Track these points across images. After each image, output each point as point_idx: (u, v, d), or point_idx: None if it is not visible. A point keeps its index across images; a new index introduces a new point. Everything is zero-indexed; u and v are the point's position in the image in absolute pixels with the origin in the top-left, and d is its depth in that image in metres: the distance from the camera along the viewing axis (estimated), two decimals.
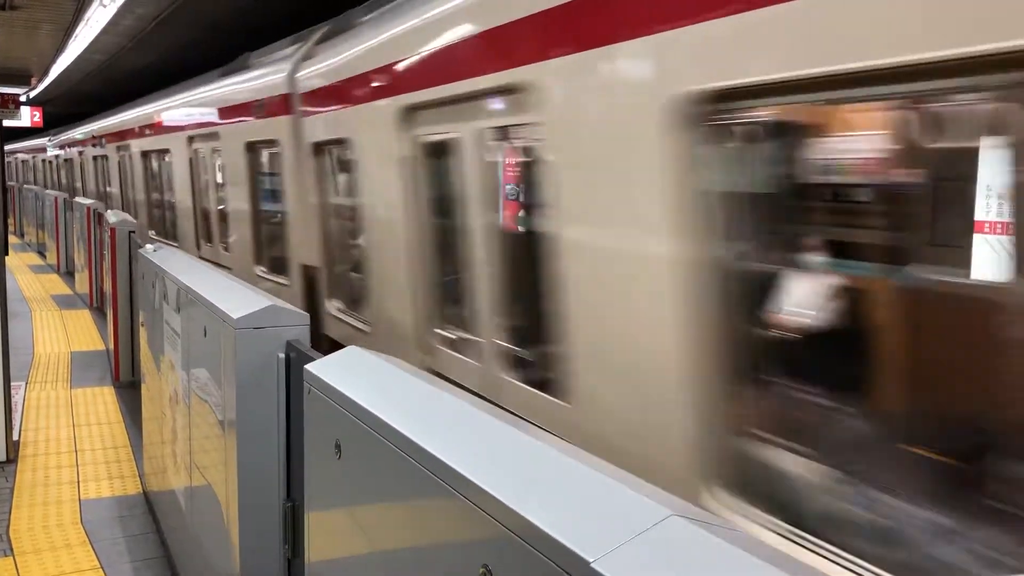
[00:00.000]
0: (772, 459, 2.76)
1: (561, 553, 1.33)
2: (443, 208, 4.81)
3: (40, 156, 28.59)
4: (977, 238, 2.29)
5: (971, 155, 2.29)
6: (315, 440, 2.55)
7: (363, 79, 5.34)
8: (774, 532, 2.55)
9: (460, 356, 4.64)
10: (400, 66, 4.82)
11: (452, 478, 1.68)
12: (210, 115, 9.26)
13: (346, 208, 6.22)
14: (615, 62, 3.01)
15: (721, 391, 2.72)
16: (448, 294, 4.86)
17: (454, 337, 4.78)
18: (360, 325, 5.88)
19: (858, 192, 2.88)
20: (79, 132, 19.85)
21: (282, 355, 3.07)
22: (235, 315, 3.14)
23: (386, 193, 5.17)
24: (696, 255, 2.74)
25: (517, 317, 4.23)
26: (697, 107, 2.66)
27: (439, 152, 4.73)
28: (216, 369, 3.46)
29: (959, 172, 2.42)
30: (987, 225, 2.28)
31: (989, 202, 2.26)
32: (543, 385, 3.81)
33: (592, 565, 1.26)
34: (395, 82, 4.89)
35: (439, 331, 4.86)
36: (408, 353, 4.86)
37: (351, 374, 2.44)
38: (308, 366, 2.58)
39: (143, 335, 5.82)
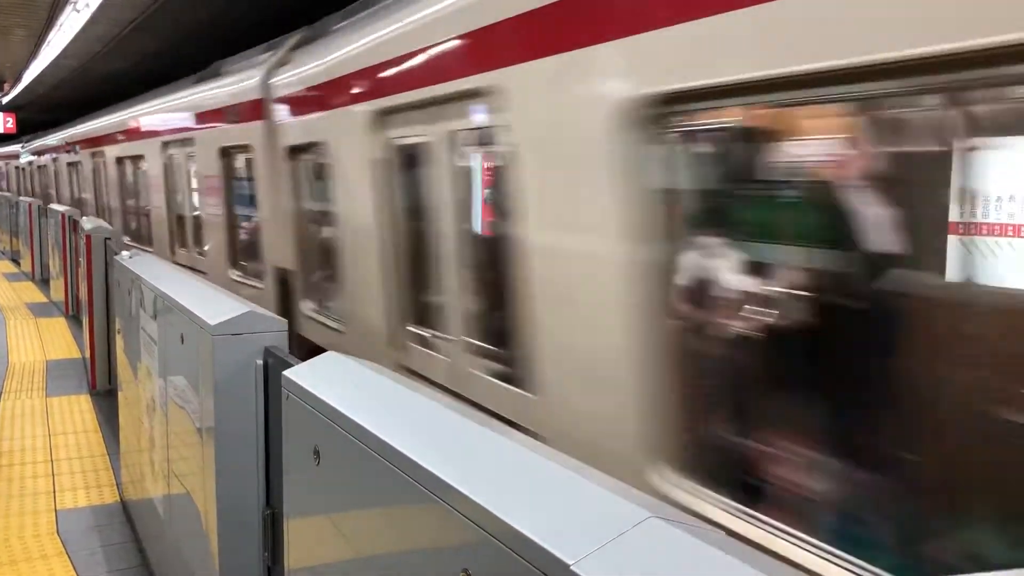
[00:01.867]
0: None
1: (540, 556, 1.33)
2: None
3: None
4: None
5: None
6: (293, 446, 2.54)
7: None
8: None
9: None
10: None
11: (431, 482, 1.68)
12: None
13: None
14: None
15: None
16: None
17: None
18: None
19: None
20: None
21: (260, 361, 3.05)
22: (212, 321, 3.12)
23: None
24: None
25: None
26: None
27: None
28: (193, 376, 3.44)
29: None
30: None
31: None
32: None
33: (571, 568, 1.26)
34: None
35: None
36: None
37: (329, 380, 2.44)
38: (286, 372, 2.57)
39: (119, 342, 5.77)
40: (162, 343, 4.11)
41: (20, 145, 29.12)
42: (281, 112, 6.75)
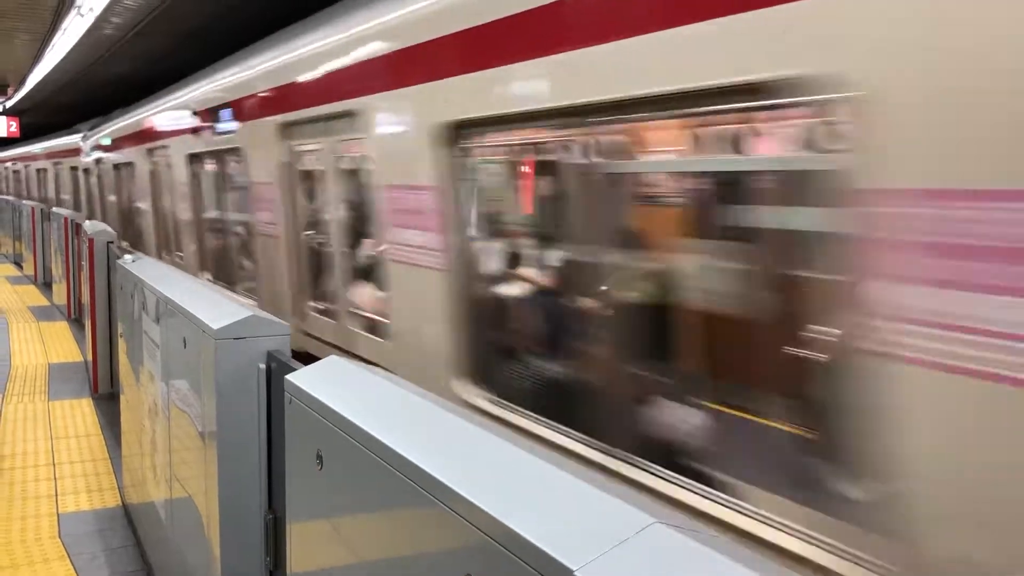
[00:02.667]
0: None
1: (544, 561, 1.32)
2: None
3: None
4: None
5: None
6: (296, 451, 2.54)
7: None
8: None
9: None
10: None
11: (434, 487, 1.68)
12: None
13: None
14: None
15: None
16: None
17: None
18: None
19: None
20: None
21: (263, 365, 3.05)
22: (215, 325, 3.12)
23: None
24: None
25: None
26: None
27: None
28: (196, 380, 3.44)
29: None
30: None
31: None
32: None
33: (576, 573, 1.26)
34: None
35: None
36: None
37: (332, 384, 2.43)
38: (289, 376, 2.57)
39: (122, 346, 5.78)
40: (164, 347, 4.11)
41: (80, 136, 17.65)
42: None
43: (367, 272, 6.00)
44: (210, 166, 9.41)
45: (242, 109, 7.84)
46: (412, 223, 4.59)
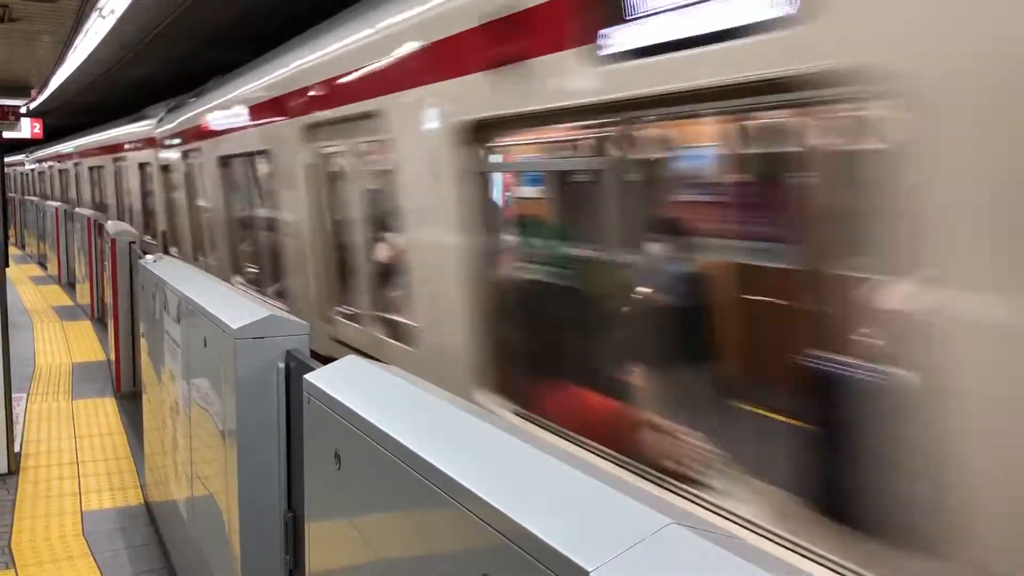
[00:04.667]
0: None
1: (560, 562, 1.33)
2: None
3: None
4: None
5: None
6: (315, 450, 2.55)
7: None
8: None
9: None
10: None
11: (451, 487, 1.68)
12: None
13: None
14: None
15: None
16: None
17: None
18: None
19: None
20: None
21: (282, 365, 3.07)
22: (235, 325, 3.14)
23: None
24: None
25: None
26: None
27: None
28: (216, 379, 3.46)
29: None
30: None
31: None
32: None
33: (591, 574, 1.26)
34: None
35: None
36: None
37: (350, 384, 2.45)
38: (308, 376, 2.58)
39: (144, 346, 5.83)
40: (185, 346, 4.15)
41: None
42: None
43: None
44: None
45: None
46: None
